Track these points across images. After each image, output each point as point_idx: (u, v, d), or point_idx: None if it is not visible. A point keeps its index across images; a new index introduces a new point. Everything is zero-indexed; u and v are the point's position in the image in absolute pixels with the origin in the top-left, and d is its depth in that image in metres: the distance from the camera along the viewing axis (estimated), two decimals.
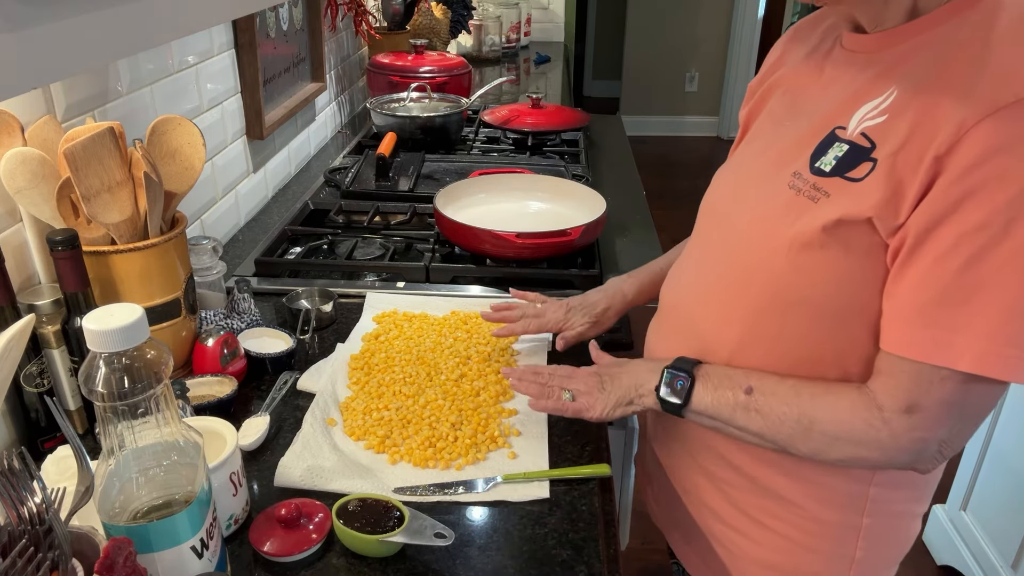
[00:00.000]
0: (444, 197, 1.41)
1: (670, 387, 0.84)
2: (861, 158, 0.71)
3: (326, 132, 2.10)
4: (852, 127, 0.74)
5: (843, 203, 0.71)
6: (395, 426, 0.94)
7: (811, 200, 0.74)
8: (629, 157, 2.03)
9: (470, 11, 3.06)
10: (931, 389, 0.68)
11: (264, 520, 0.78)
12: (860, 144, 0.72)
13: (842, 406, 0.74)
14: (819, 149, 0.76)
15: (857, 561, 0.87)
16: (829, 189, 0.73)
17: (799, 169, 0.77)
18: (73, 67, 0.55)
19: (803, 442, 0.76)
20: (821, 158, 0.75)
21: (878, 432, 0.71)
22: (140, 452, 0.62)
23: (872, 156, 0.70)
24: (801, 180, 0.76)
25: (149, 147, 0.95)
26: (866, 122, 0.72)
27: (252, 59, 1.50)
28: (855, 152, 0.72)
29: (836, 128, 0.75)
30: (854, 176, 0.72)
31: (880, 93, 0.73)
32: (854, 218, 0.70)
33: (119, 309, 0.59)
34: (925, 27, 0.72)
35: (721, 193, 0.91)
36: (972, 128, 0.63)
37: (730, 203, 0.88)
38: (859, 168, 0.71)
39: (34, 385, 0.87)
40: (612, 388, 0.89)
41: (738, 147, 0.96)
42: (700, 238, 0.93)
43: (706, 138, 5.69)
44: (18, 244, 0.92)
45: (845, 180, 0.72)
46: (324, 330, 1.17)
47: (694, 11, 5.38)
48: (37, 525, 0.61)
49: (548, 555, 0.77)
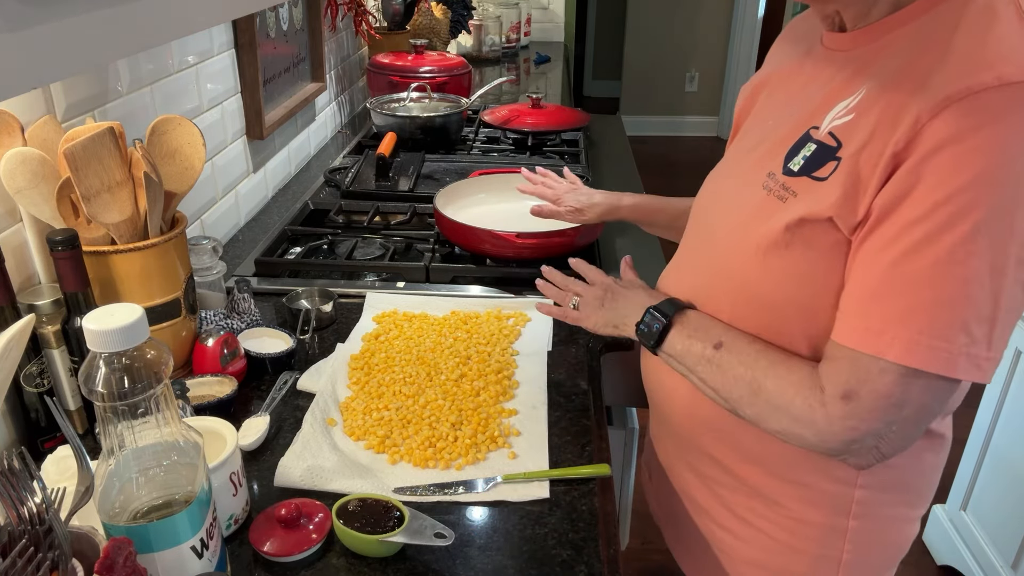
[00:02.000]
0: (444, 197, 1.41)
1: (647, 327, 0.86)
2: (827, 157, 0.72)
3: (326, 132, 2.10)
4: (823, 127, 0.74)
5: (807, 202, 0.72)
6: (395, 426, 0.94)
7: (780, 200, 0.75)
8: (629, 157, 2.03)
9: (470, 11, 3.06)
10: (868, 379, 0.69)
11: (264, 520, 0.78)
12: (827, 143, 0.73)
13: (790, 379, 0.74)
14: (792, 150, 0.77)
15: (845, 564, 0.86)
16: (797, 188, 0.74)
17: (773, 169, 0.78)
18: (73, 67, 0.55)
19: (748, 405, 0.77)
20: (793, 158, 0.76)
21: (814, 412, 0.72)
22: (140, 452, 0.62)
23: (837, 155, 0.71)
24: (773, 180, 0.77)
25: (149, 147, 0.95)
26: (835, 121, 0.73)
27: (252, 59, 1.50)
28: (822, 151, 0.73)
29: (811, 128, 0.76)
30: (819, 175, 0.72)
31: (852, 92, 0.73)
32: (816, 217, 0.71)
33: (119, 309, 0.59)
34: (901, 22, 0.71)
35: (706, 194, 0.94)
36: (927, 123, 0.63)
37: (712, 204, 0.90)
38: (825, 167, 0.72)
39: (34, 385, 0.87)
40: (609, 307, 0.95)
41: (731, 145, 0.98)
42: (687, 239, 0.95)
43: (706, 138, 5.69)
44: (18, 244, 0.92)
45: (811, 180, 0.73)
46: (324, 330, 1.17)
47: (694, 11, 5.38)
48: (37, 525, 0.61)
49: (548, 555, 0.77)
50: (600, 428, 0.97)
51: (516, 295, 1.26)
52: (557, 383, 1.05)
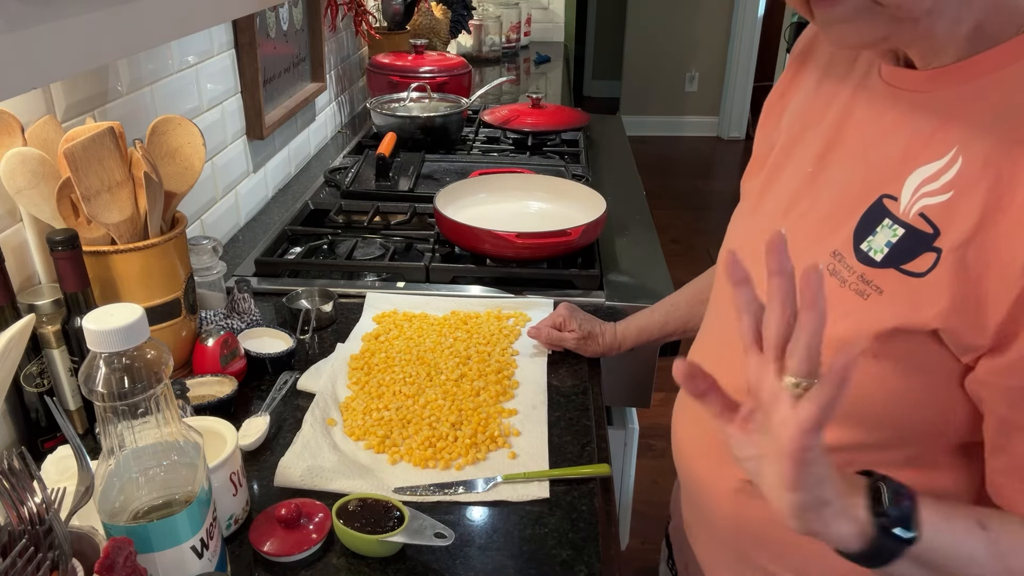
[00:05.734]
0: (444, 197, 1.41)
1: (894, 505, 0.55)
2: (921, 247, 0.57)
3: (326, 132, 2.10)
4: (906, 201, 0.59)
5: (900, 306, 0.58)
6: (395, 426, 0.94)
7: (859, 295, 0.61)
8: (629, 157, 2.02)
9: (470, 11, 3.06)
10: None
11: (264, 520, 0.78)
12: (919, 228, 0.58)
13: None
14: (864, 224, 0.62)
15: None
16: (882, 284, 0.59)
17: (839, 249, 0.63)
18: (73, 67, 0.55)
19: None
20: (868, 238, 0.61)
21: None
22: (140, 452, 0.62)
23: (935, 245, 0.56)
24: (844, 266, 0.62)
25: (149, 147, 0.95)
26: (924, 199, 0.58)
27: (252, 59, 1.50)
28: (913, 239, 0.58)
29: (883, 197, 0.61)
30: (913, 270, 0.58)
31: (939, 155, 0.58)
32: (916, 328, 0.57)
33: (119, 309, 0.59)
34: (992, 66, 0.57)
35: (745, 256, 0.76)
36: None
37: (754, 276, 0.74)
38: (919, 260, 0.57)
39: (34, 385, 0.87)
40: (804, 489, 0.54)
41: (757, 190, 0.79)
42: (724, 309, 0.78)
43: (706, 138, 5.69)
44: (18, 244, 0.92)
45: (901, 274, 0.58)
46: (324, 330, 1.17)
47: (694, 11, 5.38)
48: (37, 525, 0.61)
49: (548, 555, 0.77)
50: (600, 428, 0.97)
51: (516, 295, 1.26)
52: (557, 383, 1.05)
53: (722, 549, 0.82)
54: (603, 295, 1.26)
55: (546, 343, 1.10)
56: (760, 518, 0.73)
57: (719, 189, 4.77)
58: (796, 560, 0.73)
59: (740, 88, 5.45)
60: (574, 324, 1.07)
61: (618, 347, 1.07)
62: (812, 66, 0.75)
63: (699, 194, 4.68)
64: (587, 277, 1.29)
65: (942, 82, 0.59)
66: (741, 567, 0.80)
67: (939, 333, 0.56)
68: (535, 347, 1.11)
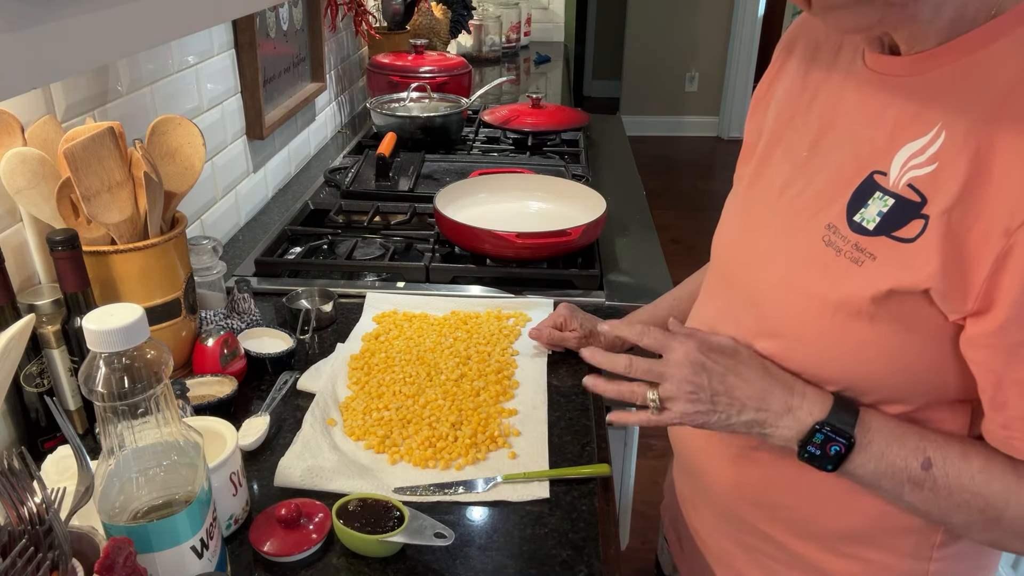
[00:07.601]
0: (444, 197, 1.41)
1: (820, 450, 0.68)
2: (910, 215, 0.62)
3: (326, 132, 2.10)
4: (895, 174, 0.64)
5: (893, 270, 0.62)
6: (395, 426, 0.94)
7: (854, 263, 0.65)
8: (629, 157, 2.03)
9: (470, 11, 3.06)
10: None
11: (264, 520, 0.78)
12: (907, 198, 0.62)
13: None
14: (856, 198, 0.66)
15: None
16: (875, 251, 0.64)
17: (834, 222, 0.67)
18: (73, 67, 0.55)
19: (980, 532, 0.66)
20: (860, 210, 0.66)
21: None
22: (140, 452, 0.62)
23: (923, 212, 0.61)
24: (839, 236, 0.67)
25: (149, 147, 0.95)
26: (912, 171, 0.62)
27: (252, 59, 1.50)
28: (902, 207, 0.62)
29: (874, 173, 0.65)
30: (903, 236, 0.62)
31: (924, 131, 0.62)
32: (908, 289, 0.61)
33: (119, 309, 0.59)
34: (969, 48, 0.61)
35: (738, 237, 0.80)
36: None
37: (750, 251, 0.76)
38: (909, 227, 0.62)
39: (34, 385, 0.87)
40: (723, 404, 0.70)
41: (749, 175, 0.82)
42: (720, 288, 0.82)
43: (706, 138, 5.69)
44: (18, 244, 0.92)
45: (893, 240, 0.63)
46: (324, 330, 1.17)
47: (694, 11, 5.38)
48: (37, 525, 0.61)
49: (548, 555, 0.77)
50: (600, 428, 0.97)
51: (516, 295, 1.26)
52: (557, 383, 1.05)
53: (718, 517, 0.86)
54: (603, 295, 1.26)
55: (547, 344, 1.09)
56: (760, 482, 0.78)
57: (719, 189, 4.77)
58: (794, 521, 0.77)
59: (740, 88, 5.45)
60: (575, 324, 1.07)
61: (620, 346, 1.07)
62: (797, 57, 0.79)
63: (699, 194, 4.68)
64: (587, 277, 1.29)
65: (924, 66, 0.63)
66: (739, 533, 0.83)
67: (930, 293, 0.60)
68: (535, 347, 1.11)
